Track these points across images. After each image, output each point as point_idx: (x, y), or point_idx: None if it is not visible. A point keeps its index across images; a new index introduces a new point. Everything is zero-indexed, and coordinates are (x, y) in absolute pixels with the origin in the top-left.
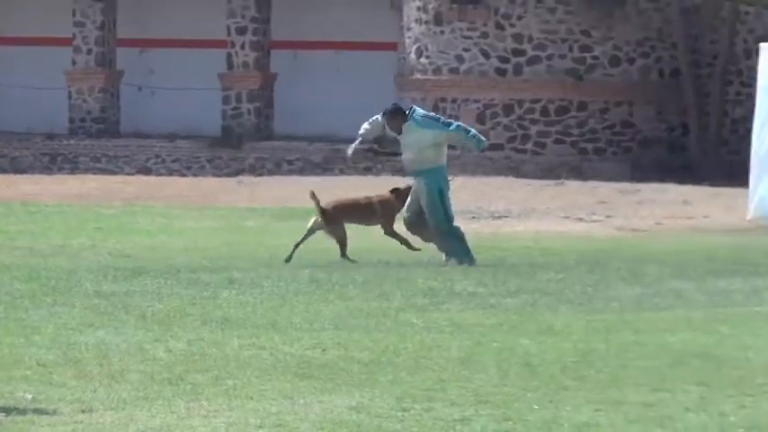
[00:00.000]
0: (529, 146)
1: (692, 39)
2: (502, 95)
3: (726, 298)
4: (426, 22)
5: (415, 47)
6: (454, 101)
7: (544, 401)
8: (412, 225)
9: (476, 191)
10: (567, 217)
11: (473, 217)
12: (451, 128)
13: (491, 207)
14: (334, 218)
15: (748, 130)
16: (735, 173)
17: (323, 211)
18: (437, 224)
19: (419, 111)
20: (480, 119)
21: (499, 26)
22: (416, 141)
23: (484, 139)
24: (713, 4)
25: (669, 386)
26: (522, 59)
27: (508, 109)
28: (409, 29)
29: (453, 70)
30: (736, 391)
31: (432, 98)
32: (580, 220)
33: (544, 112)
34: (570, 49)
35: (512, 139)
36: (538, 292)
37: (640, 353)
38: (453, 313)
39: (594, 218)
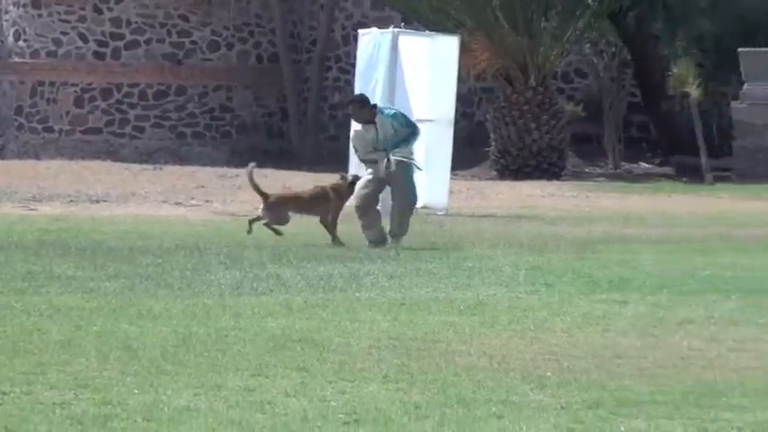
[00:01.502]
0: (127, 130)
1: (291, 24)
2: (100, 79)
3: (326, 283)
4: (24, 6)
5: (12, 30)
6: (52, 84)
7: (144, 385)
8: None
9: (74, 174)
10: (166, 201)
11: (71, 201)
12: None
13: (89, 191)
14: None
15: (346, 116)
16: (333, 158)
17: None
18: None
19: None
20: (78, 103)
21: (97, 10)
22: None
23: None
24: None
25: (269, 371)
26: (120, 43)
27: (106, 93)
28: (7, 12)
29: (51, 54)
30: (336, 377)
31: (30, 81)
32: (179, 204)
33: (142, 96)
34: (169, 33)
35: (110, 123)
36: (137, 276)
37: (240, 337)
38: (53, 297)
39: (193, 202)
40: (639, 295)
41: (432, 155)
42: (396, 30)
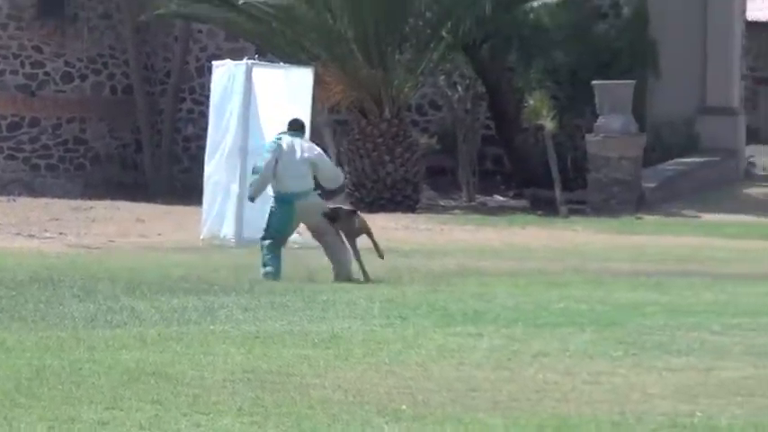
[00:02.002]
0: None
1: (145, 56)
2: None
3: (180, 316)
4: None
5: None
6: None
7: None
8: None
9: None
10: (20, 233)
11: None
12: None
13: None
14: None
15: (200, 148)
16: (187, 191)
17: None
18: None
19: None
20: None
21: None
22: None
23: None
24: (165, 22)
25: (123, 404)
26: None
27: None
28: None
29: None
30: (191, 410)
31: None
32: (32, 236)
33: None
34: (22, 64)
35: None
36: None
37: (94, 370)
38: None
39: (47, 235)
40: (494, 328)
41: None
42: (250, 62)
